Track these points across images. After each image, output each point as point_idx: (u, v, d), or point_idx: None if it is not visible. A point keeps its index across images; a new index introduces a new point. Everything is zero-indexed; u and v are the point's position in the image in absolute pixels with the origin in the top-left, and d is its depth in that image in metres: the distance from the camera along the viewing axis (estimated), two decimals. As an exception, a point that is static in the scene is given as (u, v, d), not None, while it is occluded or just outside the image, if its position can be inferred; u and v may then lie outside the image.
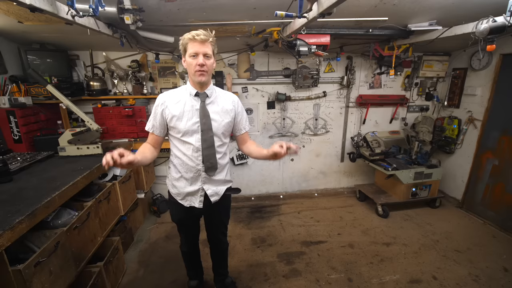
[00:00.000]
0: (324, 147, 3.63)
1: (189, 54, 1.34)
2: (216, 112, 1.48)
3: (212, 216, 1.74)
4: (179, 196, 1.59)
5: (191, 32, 1.32)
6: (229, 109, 1.53)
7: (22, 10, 1.63)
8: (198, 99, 1.45)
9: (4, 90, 2.30)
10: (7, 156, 2.04)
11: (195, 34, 1.30)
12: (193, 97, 1.45)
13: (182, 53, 1.40)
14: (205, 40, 1.32)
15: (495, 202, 2.92)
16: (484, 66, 2.96)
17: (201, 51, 1.32)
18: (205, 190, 1.56)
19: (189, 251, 1.90)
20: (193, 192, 1.56)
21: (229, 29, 2.25)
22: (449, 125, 3.37)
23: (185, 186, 1.55)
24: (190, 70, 1.38)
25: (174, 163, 1.56)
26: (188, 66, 1.38)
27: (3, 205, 1.32)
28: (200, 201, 1.57)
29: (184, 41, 1.34)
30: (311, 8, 1.38)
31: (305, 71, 3.14)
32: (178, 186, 1.57)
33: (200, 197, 1.57)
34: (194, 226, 1.77)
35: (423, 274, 2.23)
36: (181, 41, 1.36)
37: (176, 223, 1.76)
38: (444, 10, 1.99)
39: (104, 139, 2.76)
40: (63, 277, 1.45)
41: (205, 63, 1.34)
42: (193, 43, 1.32)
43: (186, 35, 1.33)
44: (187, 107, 1.44)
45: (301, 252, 2.52)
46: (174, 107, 1.44)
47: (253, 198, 3.61)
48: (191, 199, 1.58)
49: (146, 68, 3.01)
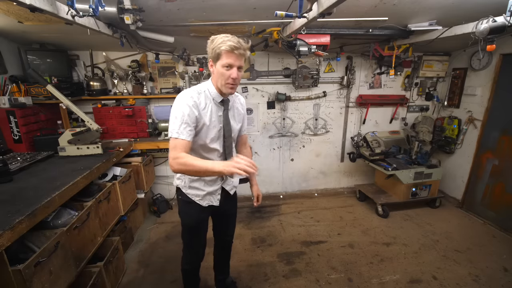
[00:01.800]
0: (324, 147, 3.63)
1: (223, 64, 1.26)
2: (233, 117, 1.51)
3: (228, 209, 1.73)
4: (198, 197, 1.55)
5: (227, 41, 1.22)
6: (242, 113, 1.57)
7: (22, 10, 1.63)
8: (221, 105, 1.42)
9: (4, 90, 2.31)
10: (7, 156, 2.04)
11: (233, 46, 1.21)
12: (218, 103, 1.41)
13: (211, 57, 1.30)
14: (243, 55, 1.26)
15: (495, 202, 2.92)
16: (484, 66, 2.96)
17: (237, 64, 1.27)
18: (224, 187, 1.59)
19: (193, 269, 1.78)
20: (212, 192, 1.56)
21: (229, 29, 2.25)
22: (449, 125, 3.37)
23: (205, 187, 1.53)
24: (220, 79, 1.31)
25: None
26: (218, 75, 1.30)
27: (3, 205, 1.32)
28: (218, 199, 1.59)
29: (218, 49, 1.24)
30: (311, 8, 1.38)
31: (305, 71, 3.14)
32: (197, 187, 1.53)
33: (218, 195, 1.59)
34: (205, 232, 1.71)
35: (423, 274, 2.23)
36: (214, 45, 1.25)
37: (191, 227, 1.64)
38: (444, 10, 1.99)
39: (104, 139, 2.76)
40: (63, 277, 1.45)
41: (238, 76, 1.30)
42: (229, 54, 1.23)
43: (221, 44, 1.22)
44: (214, 115, 1.40)
45: (301, 252, 2.52)
46: (204, 113, 1.36)
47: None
48: (210, 198, 1.57)
49: (146, 68, 3.01)
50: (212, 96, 1.39)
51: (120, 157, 2.47)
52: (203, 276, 2.18)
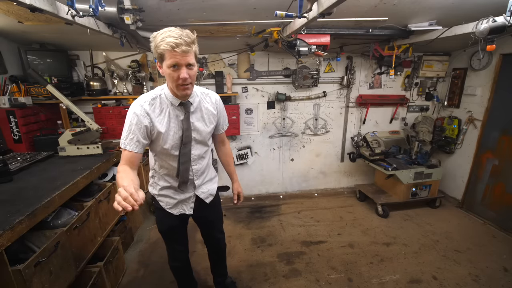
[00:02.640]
0: (324, 147, 3.63)
1: (168, 65, 1.11)
2: (201, 119, 1.36)
3: (206, 216, 1.66)
4: (169, 205, 1.48)
5: (166, 38, 1.06)
6: (214, 113, 1.42)
7: (22, 10, 1.63)
8: (181, 108, 1.29)
9: (4, 90, 2.30)
10: (7, 156, 2.04)
11: (174, 44, 1.05)
12: (176, 107, 1.28)
13: (156, 58, 1.15)
14: (187, 51, 1.09)
15: (495, 202, 2.92)
16: (484, 66, 2.96)
17: (183, 62, 1.11)
18: (198, 195, 1.50)
19: (180, 265, 1.74)
20: (184, 200, 1.49)
21: (229, 29, 2.25)
22: (449, 125, 3.37)
23: (175, 195, 1.46)
24: (170, 81, 1.17)
25: (161, 173, 1.44)
26: (167, 77, 1.17)
27: (3, 205, 1.33)
28: (191, 207, 1.52)
29: (158, 48, 1.09)
30: (311, 8, 1.38)
31: (305, 71, 3.14)
32: (167, 195, 1.47)
33: (191, 203, 1.51)
34: (183, 236, 1.67)
35: (423, 274, 2.23)
36: (154, 45, 1.10)
37: (164, 233, 1.61)
38: (444, 10, 1.99)
39: (104, 139, 2.76)
40: (63, 277, 1.45)
41: (189, 75, 1.14)
42: (172, 53, 1.08)
43: (160, 42, 1.07)
44: (172, 120, 1.28)
45: (301, 252, 2.52)
46: (159, 121, 1.25)
47: (253, 198, 3.61)
48: (182, 206, 1.50)
49: (146, 68, 3.00)
50: (169, 100, 1.26)
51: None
52: (203, 276, 2.18)
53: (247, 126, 3.38)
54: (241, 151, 3.42)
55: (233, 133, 3.21)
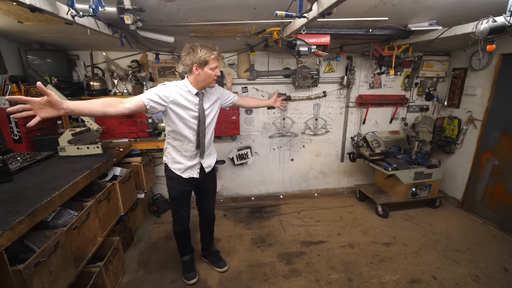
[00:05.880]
0: (324, 147, 3.63)
1: (211, 67, 1.69)
2: (209, 105, 1.87)
3: (206, 184, 2.09)
4: (180, 170, 1.90)
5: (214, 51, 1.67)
6: (215, 98, 1.93)
7: (22, 10, 1.63)
8: (197, 97, 1.78)
9: (4, 90, 2.30)
10: (7, 156, 2.04)
11: (218, 55, 1.69)
12: (193, 95, 1.77)
13: (199, 63, 1.66)
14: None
15: (495, 202, 2.92)
16: (484, 66, 2.96)
17: (218, 66, 1.74)
18: (202, 163, 1.95)
19: (182, 231, 2.13)
20: (192, 166, 1.92)
21: (229, 29, 2.25)
22: (449, 125, 3.37)
23: (185, 162, 1.90)
24: (207, 78, 1.72)
25: (175, 145, 1.88)
26: (205, 75, 1.71)
27: (3, 205, 1.32)
28: (197, 172, 1.96)
29: (206, 57, 1.65)
30: (311, 8, 1.38)
31: (305, 71, 3.14)
32: (180, 162, 1.89)
33: (197, 169, 1.95)
34: (187, 202, 2.06)
35: (423, 274, 2.23)
36: (201, 54, 1.63)
37: (174, 199, 2.00)
38: (444, 10, 1.99)
39: (104, 139, 2.76)
40: (63, 277, 1.45)
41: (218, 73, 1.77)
42: (215, 60, 1.69)
43: (210, 54, 1.65)
44: (189, 101, 1.76)
45: (301, 252, 2.52)
46: (179, 97, 1.72)
47: (253, 198, 3.61)
48: (190, 171, 1.93)
49: (146, 68, 3.01)
50: (188, 89, 1.75)
51: (120, 157, 2.47)
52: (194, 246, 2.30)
53: (247, 126, 3.38)
54: (241, 151, 3.42)
55: (233, 133, 3.20)
